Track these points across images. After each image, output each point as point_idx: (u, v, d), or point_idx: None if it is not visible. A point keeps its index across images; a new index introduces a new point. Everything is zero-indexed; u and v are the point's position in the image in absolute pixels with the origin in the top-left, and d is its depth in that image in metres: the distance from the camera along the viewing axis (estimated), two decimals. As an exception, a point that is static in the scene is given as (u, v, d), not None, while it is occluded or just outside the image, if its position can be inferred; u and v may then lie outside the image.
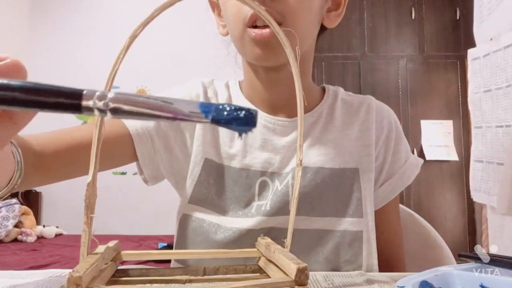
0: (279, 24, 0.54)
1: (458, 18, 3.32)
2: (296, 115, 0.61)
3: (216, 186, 0.63)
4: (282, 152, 0.63)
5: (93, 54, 3.53)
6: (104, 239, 0.44)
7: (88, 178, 0.39)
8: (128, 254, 0.45)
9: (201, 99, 0.66)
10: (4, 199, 2.97)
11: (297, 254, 0.53)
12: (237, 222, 0.61)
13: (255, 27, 0.56)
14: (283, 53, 0.54)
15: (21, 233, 2.78)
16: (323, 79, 3.29)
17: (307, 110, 0.65)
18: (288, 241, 0.45)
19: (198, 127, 0.64)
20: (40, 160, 0.55)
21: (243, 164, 0.63)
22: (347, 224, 0.61)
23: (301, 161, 0.44)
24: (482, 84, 1.05)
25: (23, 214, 2.90)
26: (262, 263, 0.46)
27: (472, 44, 1.11)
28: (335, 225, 0.60)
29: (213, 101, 0.68)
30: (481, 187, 1.05)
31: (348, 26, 3.32)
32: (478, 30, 1.08)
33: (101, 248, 0.41)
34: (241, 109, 0.25)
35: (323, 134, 0.64)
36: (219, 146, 0.64)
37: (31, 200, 3.38)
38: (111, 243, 0.44)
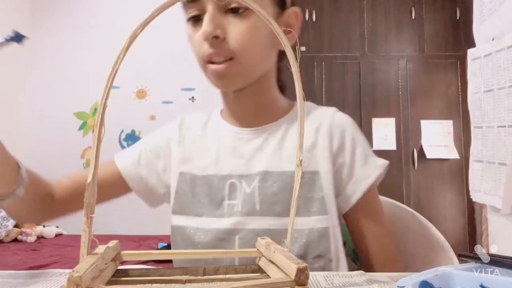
0: (231, 59, 0.64)
1: (458, 18, 3.31)
2: (260, 125, 0.72)
3: (192, 193, 0.70)
4: (247, 156, 0.70)
5: (93, 54, 3.53)
6: (104, 239, 0.44)
7: (88, 178, 0.39)
8: (128, 254, 0.45)
9: (176, 134, 0.76)
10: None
11: None
12: (213, 222, 0.67)
13: (213, 62, 0.65)
14: (239, 80, 0.68)
15: (21, 233, 2.78)
16: (323, 79, 3.29)
17: (271, 120, 0.72)
18: (288, 241, 0.45)
19: (175, 149, 0.75)
20: (54, 194, 0.70)
21: (215, 170, 0.70)
22: (313, 222, 0.64)
23: (301, 161, 0.44)
24: (483, 84, 1.04)
25: (23, 214, 2.90)
26: (262, 263, 0.46)
27: (472, 44, 1.11)
28: (303, 223, 0.64)
29: (190, 130, 0.77)
30: (481, 187, 1.05)
31: (348, 26, 3.31)
32: (478, 30, 1.08)
33: (101, 248, 0.41)
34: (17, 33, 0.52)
35: (282, 141, 0.70)
36: (196, 160, 0.72)
37: (31, 200, 3.38)
38: (111, 243, 0.44)
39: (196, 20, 0.66)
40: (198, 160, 0.72)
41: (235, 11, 0.63)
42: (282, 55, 0.75)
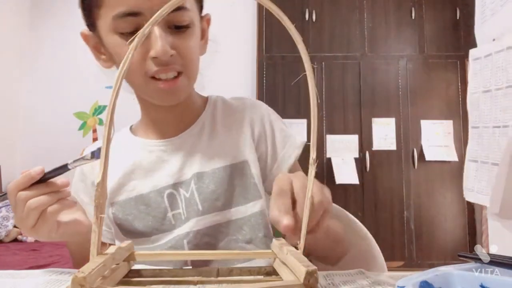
0: (180, 72, 0.65)
1: (458, 18, 3.31)
2: (181, 131, 0.73)
3: (132, 216, 0.69)
4: (177, 165, 0.71)
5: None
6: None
7: (97, 178, 0.39)
8: (141, 254, 0.45)
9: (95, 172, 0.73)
10: (3, 199, 2.97)
11: (220, 246, 0.65)
12: (165, 236, 0.68)
13: (158, 79, 0.64)
14: (185, 94, 0.71)
15: (21, 233, 2.77)
16: (323, 79, 3.29)
17: (191, 122, 0.74)
18: (301, 243, 0.44)
19: (91, 188, 0.73)
20: None
21: (150, 186, 0.70)
22: (252, 207, 0.70)
23: (313, 159, 0.44)
24: (482, 84, 1.05)
25: (24, 213, 2.90)
26: (276, 264, 0.46)
27: (472, 44, 1.12)
28: (245, 211, 0.69)
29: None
30: (474, 187, 1.05)
31: (348, 26, 3.31)
32: (480, 30, 1.08)
33: (112, 249, 0.41)
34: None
35: (209, 140, 0.73)
36: (124, 185, 0.71)
37: (31, 199, 3.37)
38: (124, 243, 0.44)
39: (129, 34, 0.63)
40: (127, 184, 0.71)
41: (178, 28, 0.64)
42: None
